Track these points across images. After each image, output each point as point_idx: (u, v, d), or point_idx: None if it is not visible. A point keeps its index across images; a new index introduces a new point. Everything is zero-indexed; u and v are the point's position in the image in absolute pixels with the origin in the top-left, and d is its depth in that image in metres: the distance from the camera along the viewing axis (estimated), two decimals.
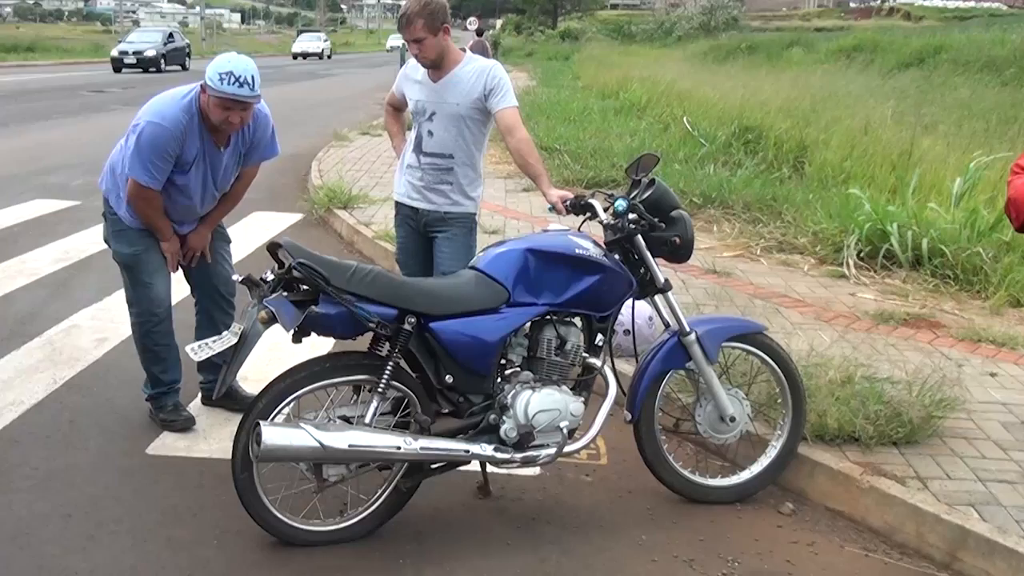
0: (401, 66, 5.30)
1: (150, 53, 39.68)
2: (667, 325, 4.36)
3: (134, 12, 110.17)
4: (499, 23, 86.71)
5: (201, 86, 4.43)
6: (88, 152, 13.98)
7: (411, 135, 5.06)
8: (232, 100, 4.31)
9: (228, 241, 5.13)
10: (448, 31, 4.79)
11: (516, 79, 27.34)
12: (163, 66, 39.91)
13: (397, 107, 5.35)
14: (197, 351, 3.72)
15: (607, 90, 24.16)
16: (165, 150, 4.46)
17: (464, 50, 4.95)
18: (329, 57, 65.64)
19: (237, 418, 3.91)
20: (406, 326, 3.77)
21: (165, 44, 41.17)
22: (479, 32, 30.69)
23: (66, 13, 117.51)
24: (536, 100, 20.92)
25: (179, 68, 41.52)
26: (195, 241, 4.90)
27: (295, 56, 63.57)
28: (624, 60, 35.38)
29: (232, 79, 4.26)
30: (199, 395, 5.25)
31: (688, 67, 29.98)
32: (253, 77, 4.31)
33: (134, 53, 39.77)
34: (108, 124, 18.62)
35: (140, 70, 39.24)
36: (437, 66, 4.81)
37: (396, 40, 69.93)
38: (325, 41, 69.22)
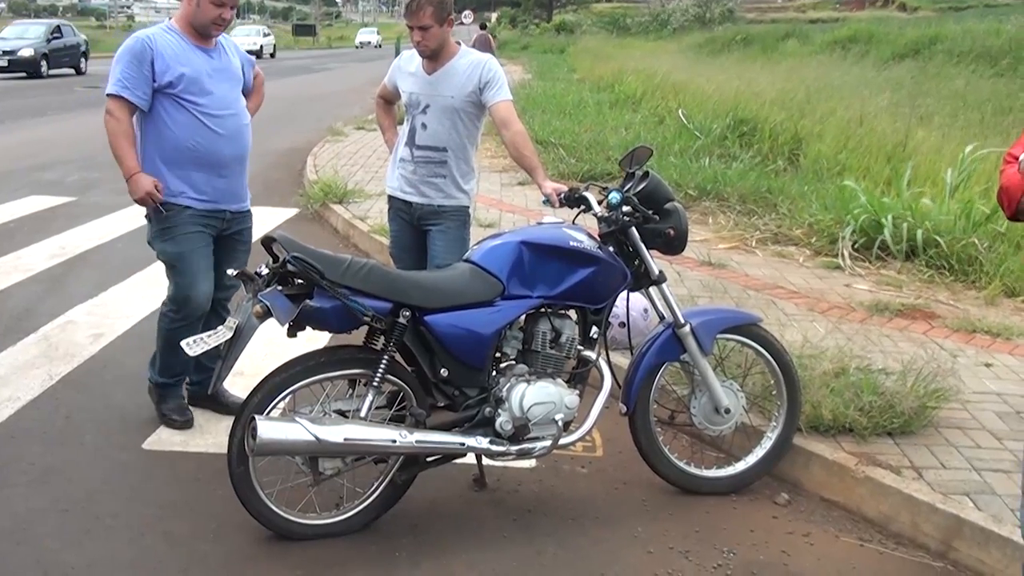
0: (396, 57, 5.30)
1: (26, 53, 32.43)
2: (662, 317, 4.37)
3: (128, 7, 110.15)
4: (494, 16, 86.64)
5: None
6: (83, 148, 13.99)
7: (404, 128, 5.06)
8: None
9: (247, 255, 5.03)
10: (452, 23, 4.81)
11: (511, 72, 27.37)
12: (45, 69, 32.88)
13: (389, 99, 5.35)
14: (192, 345, 3.71)
15: (602, 83, 24.19)
16: (135, 55, 4.43)
17: (459, 43, 4.95)
18: (272, 56, 55.80)
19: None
20: (401, 320, 3.77)
21: (49, 41, 33.76)
22: (482, 26, 30.79)
23: (60, 8, 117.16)
24: (531, 93, 20.92)
25: (72, 71, 34.90)
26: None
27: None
28: (619, 53, 35.39)
29: None
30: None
31: (683, 59, 29.99)
32: None
33: (5, 53, 32.37)
34: (103, 120, 18.60)
35: (20, 74, 32.29)
36: (435, 57, 4.82)
37: (367, 35, 68.82)
38: (267, 36, 58.31)
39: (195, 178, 4.58)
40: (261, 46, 53.25)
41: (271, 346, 5.25)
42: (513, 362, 4.09)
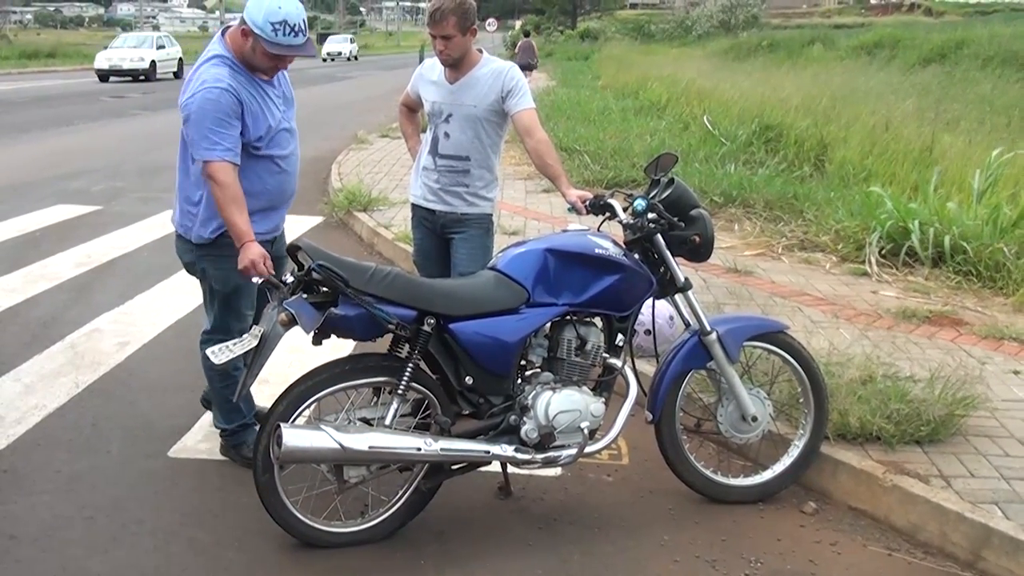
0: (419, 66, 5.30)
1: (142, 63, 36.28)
2: (688, 324, 4.35)
3: (154, 17, 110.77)
4: (518, 24, 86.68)
5: (228, 30, 4.17)
6: (109, 157, 14.09)
7: (427, 137, 5.06)
8: (288, 51, 4.06)
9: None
10: (475, 32, 4.79)
11: (536, 79, 27.42)
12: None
13: (411, 107, 5.35)
14: (217, 354, 3.72)
15: (627, 90, 24.18)
16: (223, 111, 4.02)
17: (481, 51, 4.95)
18: (356, 58, 64.16)
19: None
20: (425, 327, 3.77)
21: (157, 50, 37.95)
22: (526, 33, 31.00)
23: (86, 19, 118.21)
24: (556, 100, 20.91)
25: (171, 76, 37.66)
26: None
27: None
28: (643, 59, 35.36)
29: (288, 29, 3.98)
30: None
31: (708, 65, 29.90)
32: (304, 21, 4.02)
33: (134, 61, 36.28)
34: (128, 129, 18.78)
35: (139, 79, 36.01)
36: (457, 66, 4.82)
37: (337, 45, 66.78)
38: (352, 43, 67.41)
39: (262, 217, 4.32)
40: (350, 51, 66.46)
41: (296, 354, 5.26)
42: (538, 370, 4.08)
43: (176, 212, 4.45)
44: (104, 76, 35.97)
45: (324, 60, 60.96)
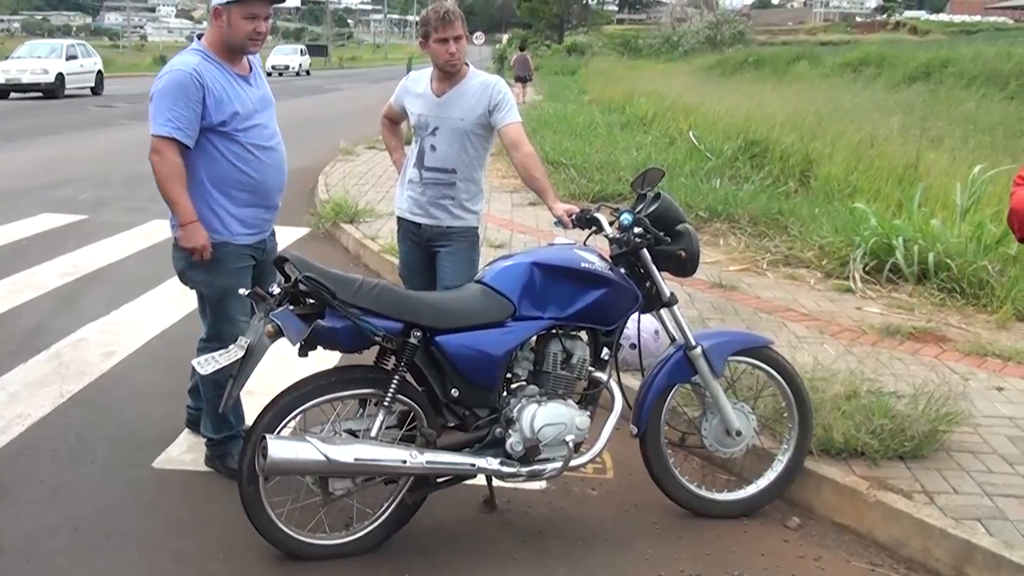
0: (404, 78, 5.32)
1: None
2: (673, 339, 4.37)
3: (141, 27, 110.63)
4: (505, 38, 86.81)
5: (214, 11, 4.28)
6: (96, 166, 14.06)
7: (412, 149, 5.06)
8: (260, 1, 4.22)
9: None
10: (467, 40, 4.86)
11: (526, 95, 27.42)
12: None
13: (394, 120, 5.36)
14: (204, 364, 3.72)
15: (613, 104, 24.23)
16: (185, 91, 4.15)
17: (467, 64, 4.97)
18: (308, 73, 58.55)
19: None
20: (412, 340, 3.77)
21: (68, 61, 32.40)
22: (521, 47, 31.57)
23: (74, 28, 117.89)
24: (542, 114, 20.93)
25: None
26: None
27: None
28: (630, 74, 35.48)
29: None
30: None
31: (694, 81, 30.03)
32: None
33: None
34: (116, 139, 18.73)
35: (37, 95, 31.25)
36: (452, 75, 4.84)
37: (284, 57, 61.58)
38: (304, 55, 60.73)
39: (246, 212, 4.41)
40: (300, 64, 58.71)
41: (282, 365, 5.26)
42: (524, 383, 4.09)
43: (171, 218, 4.45)
44: (3, 92, 30.60)
45: (269, 74, 58.00)
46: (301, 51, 64.18)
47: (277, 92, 4.55)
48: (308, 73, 59.90)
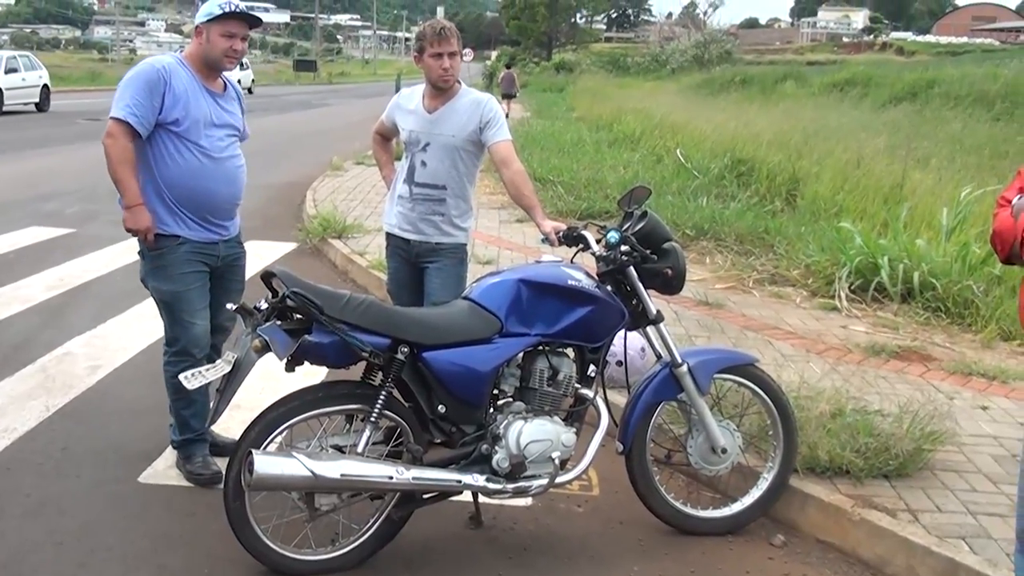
0: (395, 94, 5.34)
1: None
2: (659, 356, 4.38)
3: (131, 41, 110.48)
4: (494, 54, 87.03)
5: (196, 29, 4.52)
6: (84, 180, 14.00)
7: (403, 165, 5.07)
8: (237, 21, 4.44)
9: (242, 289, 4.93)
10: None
11: (511, 110, 27.45)
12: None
13: (386, 136, 5.38)
14: (190, 379, 3.72)
15: (601, 122, 24.32)
16: (149, 83, 4.34)
17: (459, 82, 4.99)
18: (250, 91, 45.08)
19: None
20: (399, 355, 3.78)
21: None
22: (508, 65, 31.98)
23: (63, 41, 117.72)
24: (530, 131, 21.00)
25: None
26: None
27: None
28: (618, 92, 35.63)
29: (231, 5, 4.40)
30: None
31: (682, 99, 30.17)
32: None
33: None
34: (103, 142, 18.63)
35: None
36: (449, 89, 4.86)
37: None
38: (245, 70, 47.55)
39: (195, 214, 4.51)
40: (239, 80, 49.06)
41: (268, 380, 5.26)
42: (511, 399, 4.09)
43: (119, 200, 4.55)
44: None
45: None
46: (242, 65, 54.20)
47: (264, 107, 4.61)
48: (251, 91, 47.09)
